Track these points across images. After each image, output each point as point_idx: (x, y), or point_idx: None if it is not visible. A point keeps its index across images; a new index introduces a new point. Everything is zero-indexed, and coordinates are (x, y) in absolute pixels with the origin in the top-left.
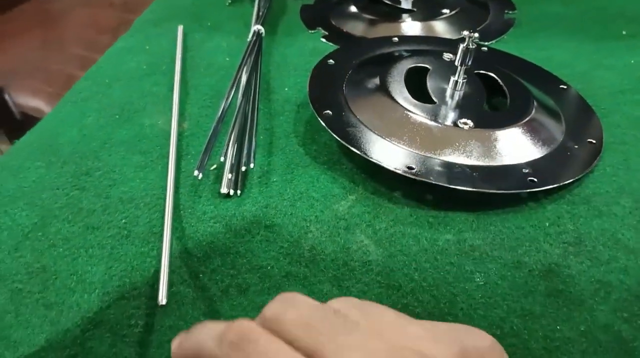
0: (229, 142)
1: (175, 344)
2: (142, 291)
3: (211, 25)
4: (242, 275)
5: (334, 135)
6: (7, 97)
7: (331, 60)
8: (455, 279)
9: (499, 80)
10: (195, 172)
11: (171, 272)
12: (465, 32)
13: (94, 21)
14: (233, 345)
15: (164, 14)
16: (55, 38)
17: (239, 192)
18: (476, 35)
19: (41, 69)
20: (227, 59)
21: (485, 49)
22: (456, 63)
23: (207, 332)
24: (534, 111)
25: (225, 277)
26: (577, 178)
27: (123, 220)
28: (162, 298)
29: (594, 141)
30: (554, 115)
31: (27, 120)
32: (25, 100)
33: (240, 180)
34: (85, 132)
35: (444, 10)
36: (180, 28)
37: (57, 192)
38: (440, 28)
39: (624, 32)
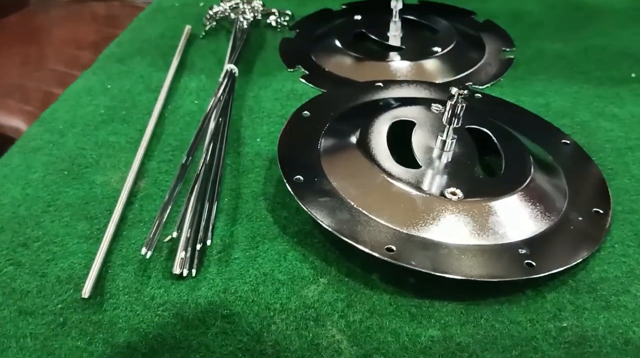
0: (184, 212)
1: None
2: None
3: (180, 62)
4: None
5: (305, 208)
6: None
7: (306, 112)
8: None
9: (494, 138)
10: (143, 250)
11: None
12: (454, 89)
13: (75, 36)
14: None
15: (130, 49)
16: (35, 54)
17: (194, 272)
18: (465, 92)
19: (19, 87)
20: (196, 101)
21: (480, 95)
22: (444, 121)
23: None
24: (532, 175)
25: None
26: (581, 260)
27: (59, 305)
28: None
29: (600, 211)
30: (556, 179)
31: (3, 141)
32: (2, 119)
33: (197, 258)
34: (29, 190)
35: (435, 49)
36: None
37: None
38: (432, 68)
39: (633, 75)
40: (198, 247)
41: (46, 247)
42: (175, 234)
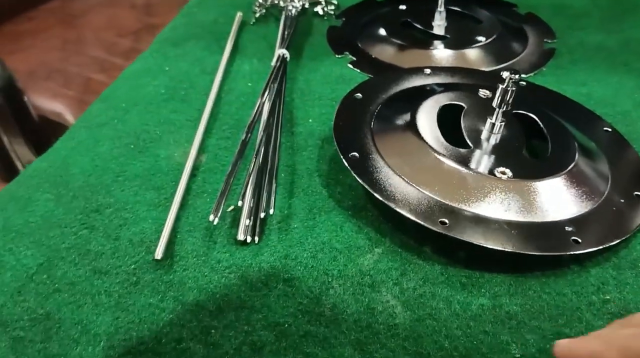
0: (247, 183)
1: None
2: (149, 346)
3: (233, 46)
4: (257, 332)
5: (362, 183)
6: (26, 100)
7: (359, 94)
8: (489, 350)
9: (540, 123)
10: (211, 217)
11: (181, 326)
12: (506, 73)
13: (114, 23)
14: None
15: (184, 33)
16: (74, 39)
17: (256, 239)
18: (517, 76)
19: (60, 71)
20: (249, 84)
21: (524, 83)
22: (494, 104)
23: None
24: (577, 159)
25: (238, 334)
26: (624, 238)
27: (132, 266)
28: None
29: None
30: (599, 163)
31: (46, 124)
32: (45, 103)
33: (259, 226)
34: (97, 162)
35: (479, 38)
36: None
37: (65, 230)
38: (475, 57)
39: None
40: (262, 215)
41: (118, 213)
42: (240, 203)
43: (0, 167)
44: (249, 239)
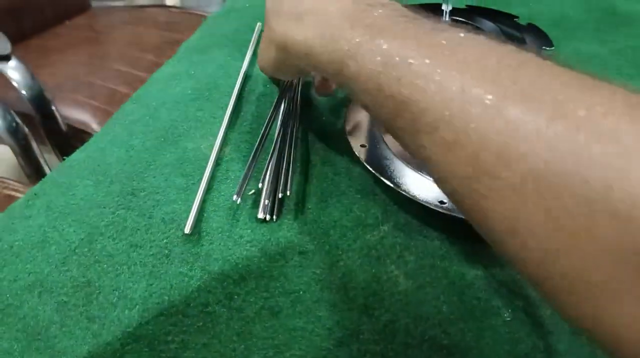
0: (267, 169)
1: None
2: (179, 309)
3: (253, 53)
4: (275, 298)
5: (369, 168)
6: (54, 109)
7: None
8: (482, 314)
9: None
10: (234, 197)
11: (207, 292)
12: None
13: (138, 39)
14: None
15: (208, 41)
16: (100, 54)
17: (275, 217)
18: None
19: (86, 84)
20: (267, 86)
21: None
22: None
23: None
24: None
25: (258, 299)
26: None
27: (164, 240)
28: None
29: None
30: None
31: (73, 133)
32: (71, 113)
33: (277, 206)
34: (132, 153)
35: None
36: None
37: (103, 210)
38: None
39: None
40: (280, 195)
41: (151, 196)
42: (260, 185)
43: (31, 171)
44: (268, 218)
